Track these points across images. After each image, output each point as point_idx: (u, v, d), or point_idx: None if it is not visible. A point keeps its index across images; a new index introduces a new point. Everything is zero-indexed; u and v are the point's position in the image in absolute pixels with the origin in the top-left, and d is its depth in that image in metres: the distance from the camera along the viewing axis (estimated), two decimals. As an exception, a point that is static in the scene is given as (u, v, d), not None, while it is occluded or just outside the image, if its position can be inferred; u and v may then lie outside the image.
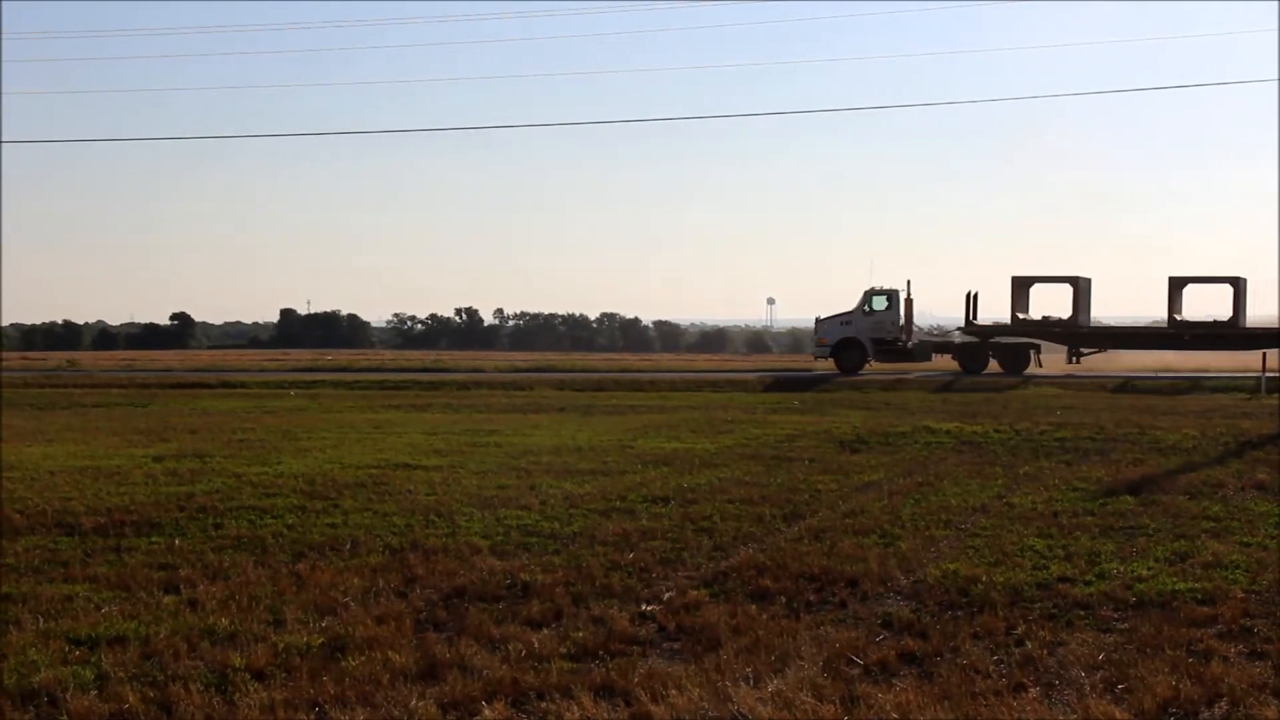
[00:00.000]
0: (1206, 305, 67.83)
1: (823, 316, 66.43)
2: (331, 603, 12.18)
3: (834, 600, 12.54)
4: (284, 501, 18.52)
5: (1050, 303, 68.35)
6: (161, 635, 10.91)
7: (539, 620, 11.66)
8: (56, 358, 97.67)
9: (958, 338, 66.35)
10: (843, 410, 39.67)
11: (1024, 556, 14.52)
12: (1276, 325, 62.44)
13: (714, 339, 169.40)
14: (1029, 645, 10.84)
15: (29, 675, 9.79)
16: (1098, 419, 34.60)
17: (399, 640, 10.83)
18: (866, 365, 65.09)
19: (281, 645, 10.62)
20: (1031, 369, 63.30)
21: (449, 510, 17.75)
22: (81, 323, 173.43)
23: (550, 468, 22.97)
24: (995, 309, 66.54)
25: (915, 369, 64.79)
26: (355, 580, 13.09)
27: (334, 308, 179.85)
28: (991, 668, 10.23)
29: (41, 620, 11.52)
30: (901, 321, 65.07)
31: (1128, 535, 16.04)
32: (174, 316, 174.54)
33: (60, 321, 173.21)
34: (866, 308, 65.31)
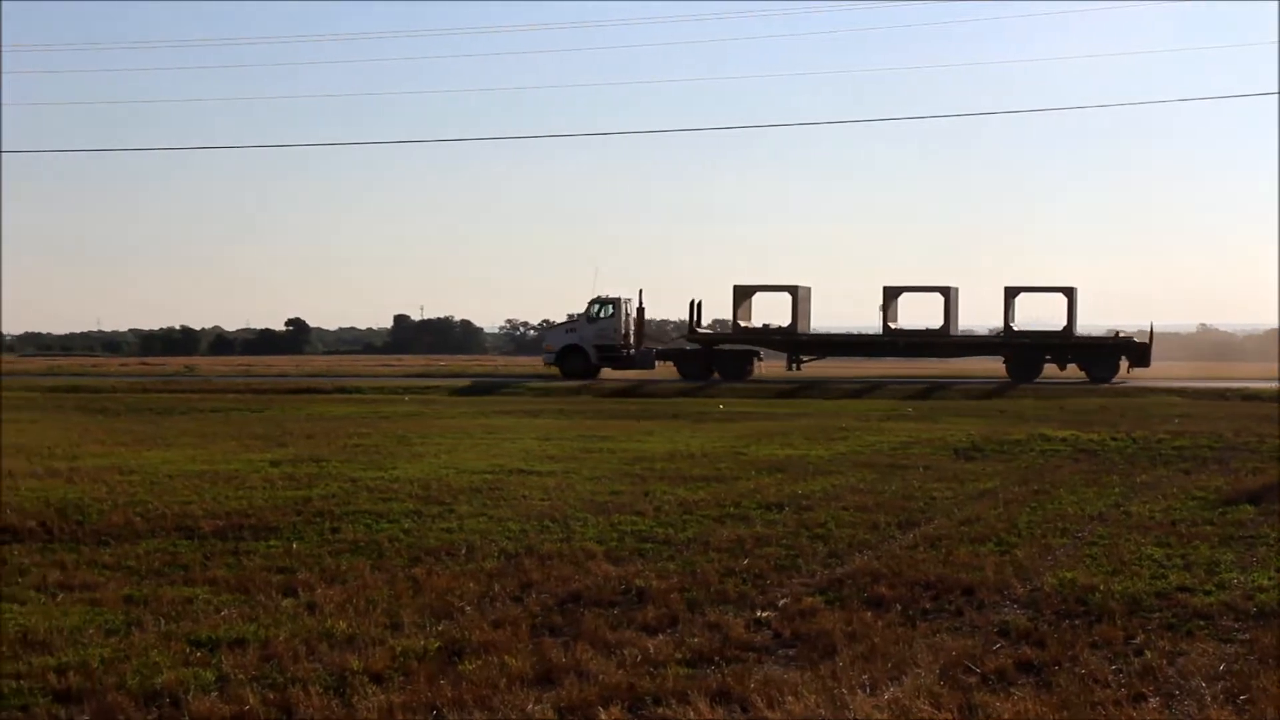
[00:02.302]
0: (919, 314, 69.92)
1: (552, 324, 69.13)
2: (448, 607, 12.23)
3: (950, 608, 12.47)
4: (400, 506, 18.62)
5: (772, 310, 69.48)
6: (280, 638, 11.00)
7: (654, 626, 11.66)
8: (175, 363, 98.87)
9: (685, 345, 68.17)
10: (957, 418, 39.50)
11: (1142, 565, 14.39)
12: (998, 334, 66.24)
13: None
14: (1148, 655, 10.74)
15: (151, 676, 9.89)
16: (1215, 427, 34.26)
17: (515, 645, 10.86)
18: (601, 371, 66.86)
19: (399, 649, 10.68)
20: (759, 374, 65.67)
21: (563, 516, 17.80)
22: (199, 328, 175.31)
23: (664, 474, 22.99)
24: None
25: (641, 376, 65.96)
26: (471, 585, 13.14)
27: (446, 314, 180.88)
28: (1110, 677, 10.14)
29: (163, 622, 11.64)
30: (622, 329, 66.79)
31: (1247, 545, 15.86)
32: (289, 322, 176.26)
33: (178, 327, 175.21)
34: (591, 315, 66.97)
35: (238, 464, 24.63)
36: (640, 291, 67.86)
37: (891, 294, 66.51)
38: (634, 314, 67.61)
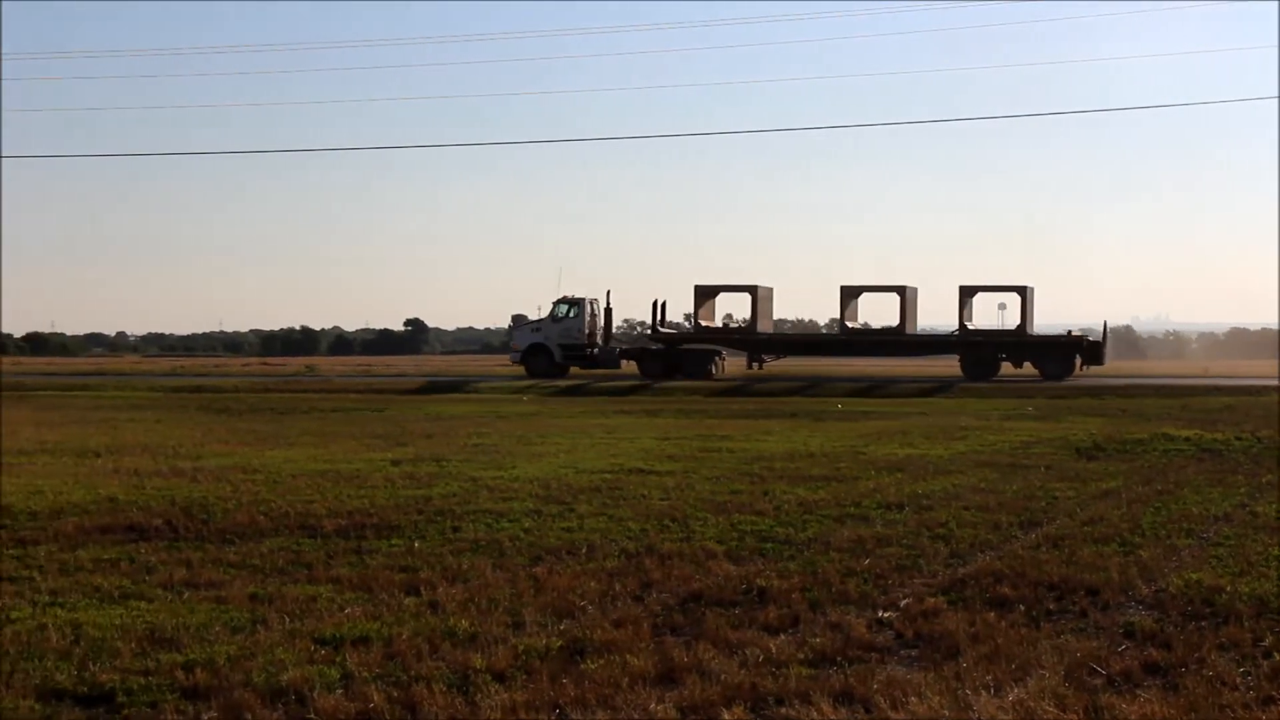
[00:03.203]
0: (877, 313, 71.71)
1: (518, 323, 70.01)
2: (569, 606, 12.26)
3: (1074, 609, 12.36)
4: (520, 505, 18.69)
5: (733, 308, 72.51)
6: (404, 636, 11.05)
7: (776, 626, 11.63)
8: (295, 363, 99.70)
9: (649, 344, 69.19)
10: (1078, 417, 39.18)
11: (1269, 566, 14.20)
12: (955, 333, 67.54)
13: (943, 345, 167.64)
14: (1277, 657, 10.59)
15: (277, 674, 9.97)
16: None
17: (637, 644, 10.87)
18: (570, 369, 68.04)
19: (521, 647, 10.71)
20: (721, 373, 66.70)
21: (683, 515, 17.79)
22: (319, 329, 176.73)
23: (783, 473, 22.94)
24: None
25: (606, 375, 66.75)
26: (592, 584, 13.16)
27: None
28: (1239, 679, 10.00)
29: (288, 620, 11.73)
30: (586, 329, 67.95)
31: (1378, 546, 15.62)
32: (408, 322, 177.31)
33: (298, 328, 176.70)
34: (556, 315, 68.35)
35: (359, 463, 24.81)
36: (608, 292, 69.92)
37: (850, 294, 67.90)
38: (601, 314, 69.12)
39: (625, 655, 10.46)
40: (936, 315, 76.13)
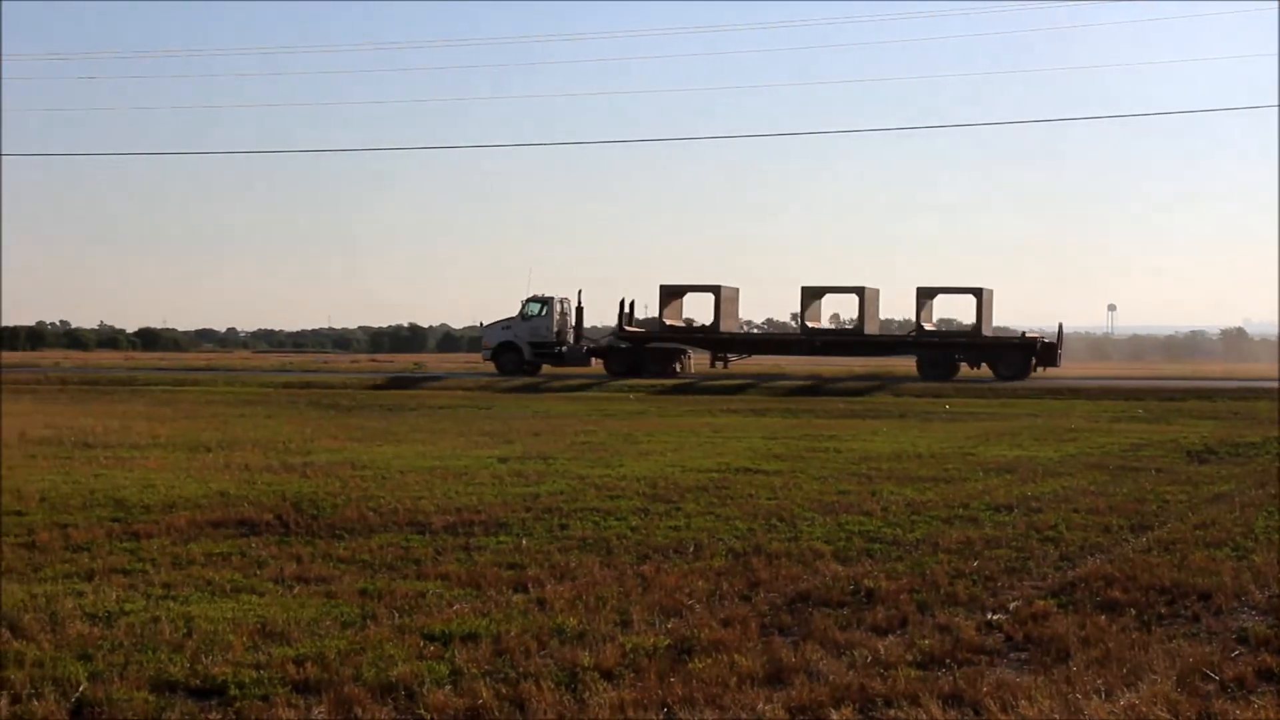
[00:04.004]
0: (837, 313, 74.79)
1: (486, 322, 71.16)
2: (677, 605, 12.26)
3: (1186, 614, 12.24)
4: (627, 504, 18.71)
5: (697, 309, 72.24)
6: (512, 633, 11.09)
7: (884, 627, 11.59)
8: (403, 360, 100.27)
9: (616, 343, 69.64)
10: (1189, 419, 38.80)
11: (1387, 573, 14.00)
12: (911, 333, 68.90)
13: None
14: (1395, 665, 10.44)
15: (387, 669, 10.03)
16: None
17: (745, 644, 10.86)
18: (542, 368, 69.12)
19: (629, 645, 10.72)
20: (686, 371, 68.41)
21: (790, 515, 17.76)
22: (426, 326, 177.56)
23: (891, 474, 22.85)
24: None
25: (575, 372, 67.61)
26: (700, 583, 13.16)
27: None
28: (1355, 687, 9.88)
29: (397, 615, 11.80)
30: (555, 327, 68.98)
31: None
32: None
33: (406, 325, 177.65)
34: (525, 314, 69.30)
35: (467, 460, 24.92)
36: (579, 292, 70.77)
37: (811, 294, 69.09)
38: (571, 313, 70.14)
39: (733, 655, 10.46)
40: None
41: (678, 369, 68.09)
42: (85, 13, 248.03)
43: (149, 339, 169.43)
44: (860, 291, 67.11)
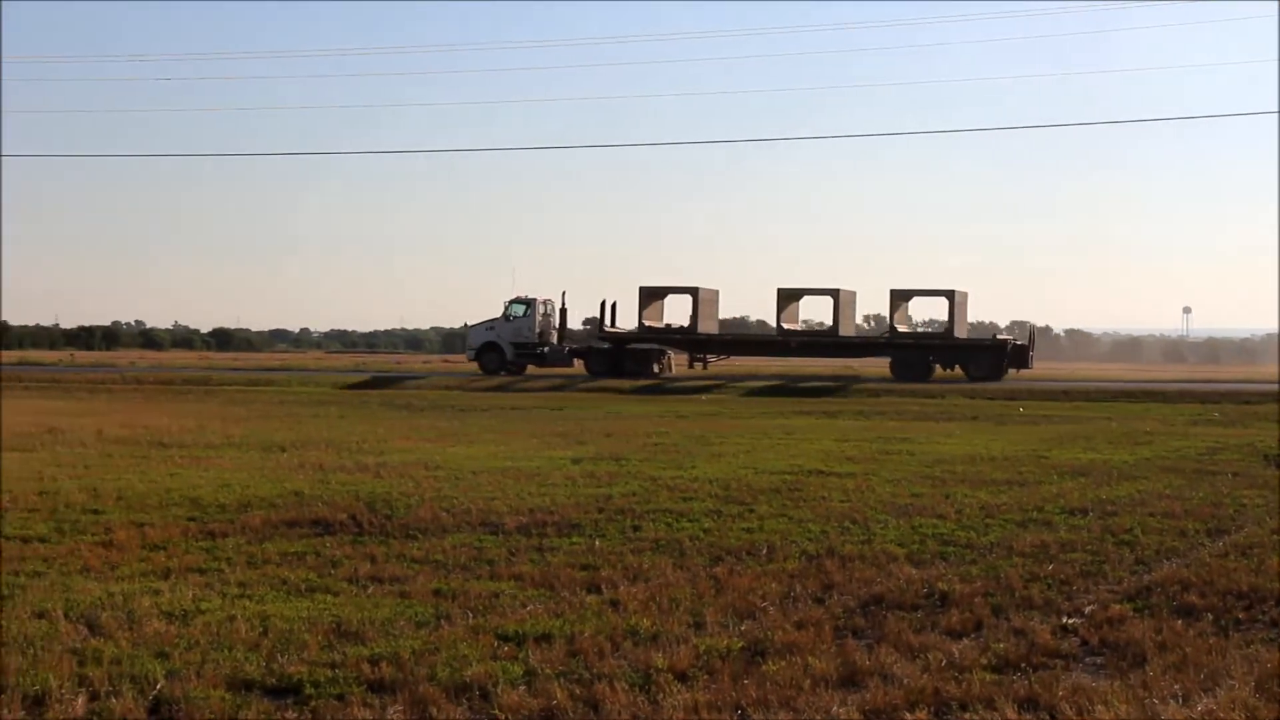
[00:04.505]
0: (811, 315, 74.53)
1: (471, 323, 73.26)
2: (750, 607, 12.25)
3: (1264, 619, 12.14)
4: (700, 505, 18.69)
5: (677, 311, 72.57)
6: (585, 634, 11.10)
7: (958, 630, 11.54)
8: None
9: (596, 344, 70.99)
10: (1266, 423, 38.46)
11: None
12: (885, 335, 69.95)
13: (1127, 348, 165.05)
14: None
15: (461, 669, 10.06)
16: None
17: (818, 646, 10.84)
18: (527, 368, 70.26)
19: (703, 647, 10.71)
20: (668, 372, 69.15)
21: (864, 517, 17.71)
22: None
23: (964, 477, 22.76)
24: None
25: (558, 372, 69.27)
26: (773, 585, 13.14)
27: (742, 314, 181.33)
28: None
29: (471, 616, 11.83)
30: (537, 328, 70.31)
31: None
32: (585, 321, 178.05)
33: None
34: (508, 315, 70.63)
35: (539, 461, 24.95)
36: (563, 293, 72.65)
37: (787, 296, 69.96)
38: (555, 314, 71.50)
39: (807, 657, 10.44)
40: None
41: (656, 369, 69.14)
42: (170, 13, 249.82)
43: (223, 339, 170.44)
44: (835, 294, 68.62)
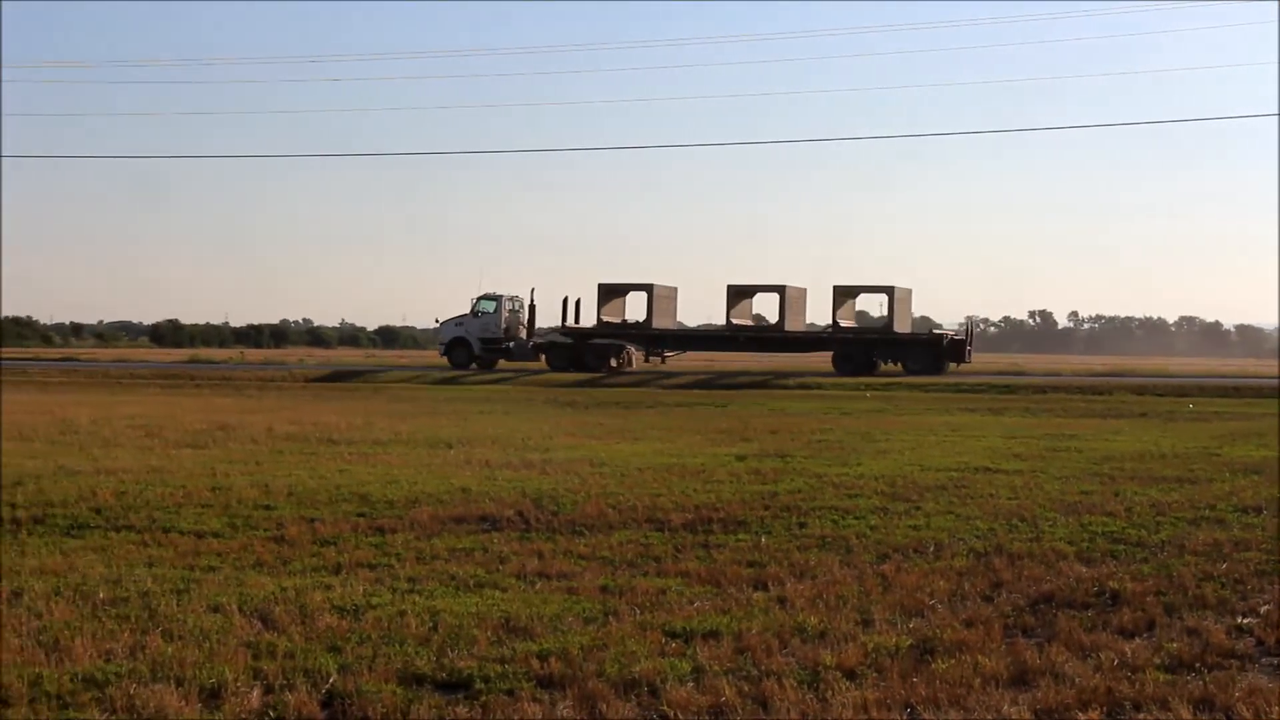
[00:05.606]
0: (759, 311, 76.91)
1: (442, 319, 74.68)
2: (918, 605, 12.17)
3: None
4: (866, 503, 18.61)
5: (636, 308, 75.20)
6: (753, 631, 11.09)
7: (1130, 629, 11.40)
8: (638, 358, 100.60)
9: (558, 339, 73.88)
10: None
11: None
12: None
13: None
14: None
15: (629, 665, 10.08)
16: None
17: (988, 645, 10.75)
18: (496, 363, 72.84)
19: (871, 645, 10.66)
20: (633, 366, 72.03)
21: (1032, 515, 17.54)
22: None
23: (1134, 474, 22.48)
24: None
25: (523, 367, 72.26)
26: (941, 583, 13.04)
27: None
28: None
29: (638, 612, 11.85)
30: (503, 324, 72.38)
31: None
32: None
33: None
34: (476, 311, 73.11)
35: (704, 458, 24.96)
36: (532, 290, 74.66)
37: (737, 293, 72.89)
38: (524, 310, 73.83)
39: (976, 656, 10.36)
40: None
41: (615, 364, 71.32)
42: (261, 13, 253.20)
43: (388, 337, 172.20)
44: (781, 290, 71.23)
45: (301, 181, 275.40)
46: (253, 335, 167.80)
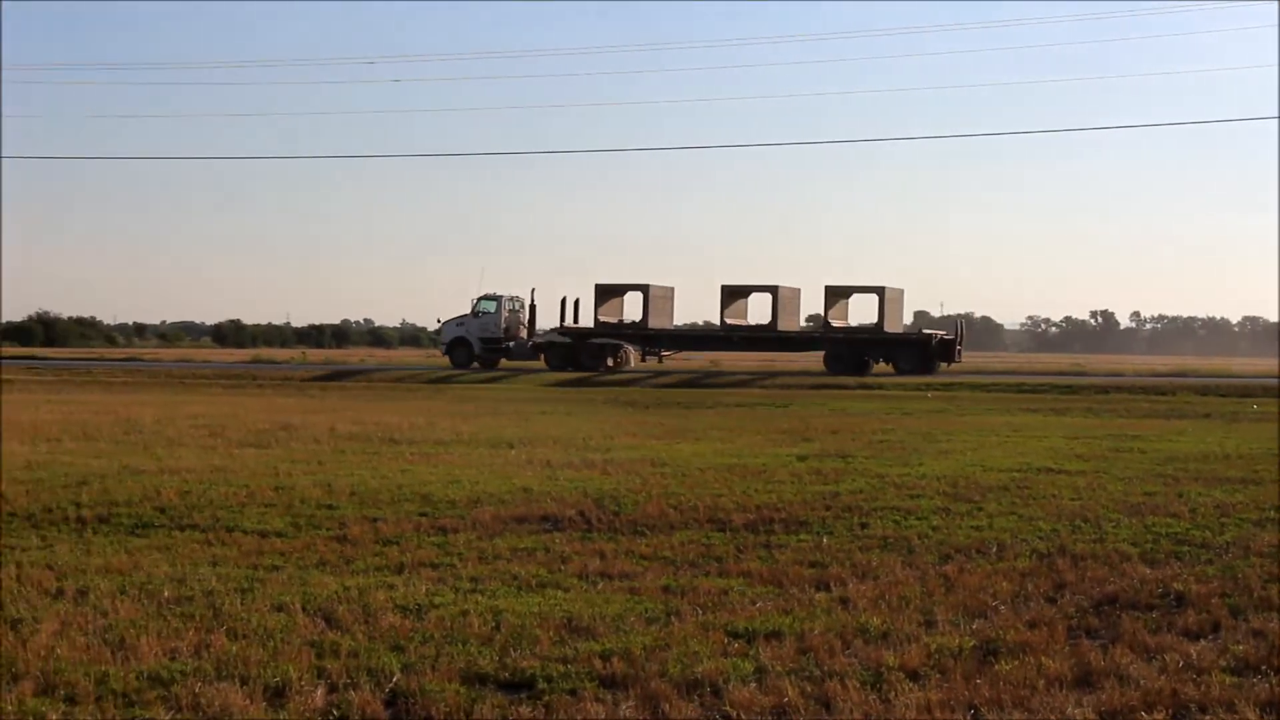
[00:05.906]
0: (752, 312, 75.64)
1: (443, 319, 75.48)
2: (981, 605, 12.14)
3: None
4: (928, 503, 18.56)
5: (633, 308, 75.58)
6: (815, 631, 11.08)
7: (1195, 631, 11.34)
8: (700, 359, 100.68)
9: (556, 339, 74.08)
10: None
11: None
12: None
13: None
14: None
15: (692, 665, 10.09)
16: None
17: (1051, 646, 10.71)
18: (491, 363, 73.78)
19: (933, 646, 10.64)
20: (630, 365, 72.95)
21: (1095, 516, 17.46)
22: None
23: (1198, 475, 22.34)
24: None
25: (523, 366, 72.88)
26: (1003, 584, 13.00)
27: (966, 310, 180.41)
28: None
29: (700, 612, 11.86)
30: (502, 323, 73.85)
31: None
32: (809, 318, 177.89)
33: (701, 323, 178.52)
34: (476, 311, 73.65)
35: (765, 458, 24.94)
36: (532, 290, 75.09)
37: (731, 293, 73.58)
38: (524, 310, 74.68)
39: (1040, 657, 10.32)
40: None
41: (610, 363, 72.11)
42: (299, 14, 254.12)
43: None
44: (774, 290, 71.78)
45: (359, 183, 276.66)
46: (314, 335, 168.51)
